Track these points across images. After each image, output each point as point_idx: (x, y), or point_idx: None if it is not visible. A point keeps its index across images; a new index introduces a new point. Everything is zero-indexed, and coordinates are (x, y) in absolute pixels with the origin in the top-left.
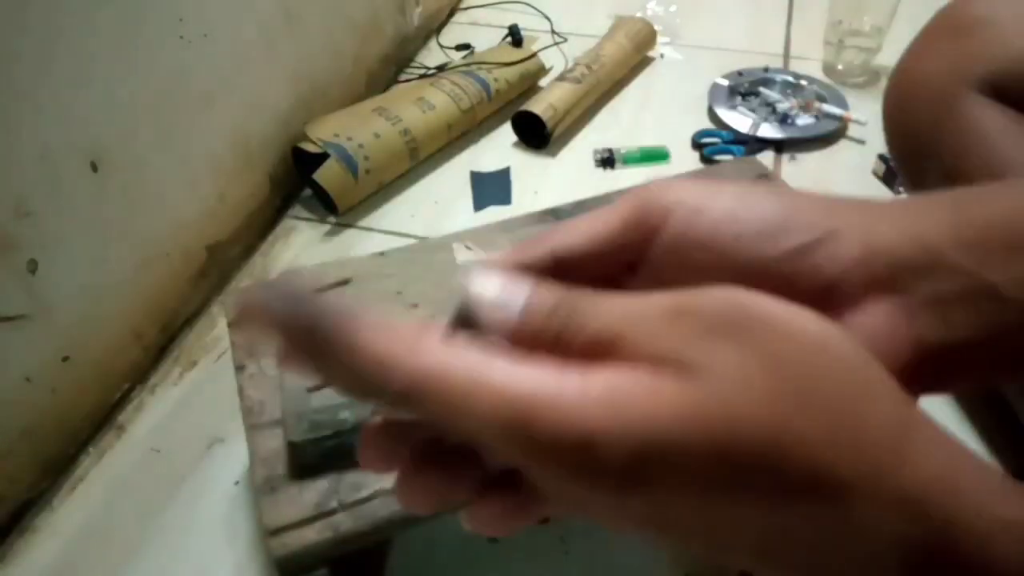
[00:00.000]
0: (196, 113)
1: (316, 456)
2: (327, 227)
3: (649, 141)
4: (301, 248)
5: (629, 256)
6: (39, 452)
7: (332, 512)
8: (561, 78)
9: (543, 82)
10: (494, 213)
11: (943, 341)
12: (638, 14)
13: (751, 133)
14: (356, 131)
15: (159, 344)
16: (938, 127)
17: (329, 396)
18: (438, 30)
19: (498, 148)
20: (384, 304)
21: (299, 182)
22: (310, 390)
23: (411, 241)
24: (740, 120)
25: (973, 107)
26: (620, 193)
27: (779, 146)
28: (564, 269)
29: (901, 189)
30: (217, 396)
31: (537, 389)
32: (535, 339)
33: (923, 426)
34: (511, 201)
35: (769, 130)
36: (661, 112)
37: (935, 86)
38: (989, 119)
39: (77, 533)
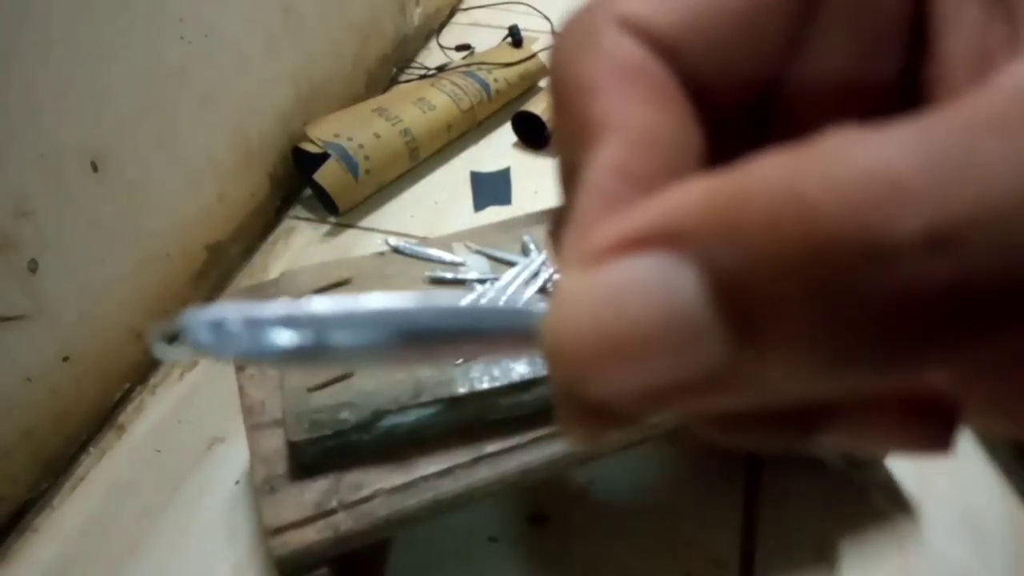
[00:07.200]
0: (196, 113)
1: (316, 456)
2: (327, 227)
3: None
4: (301, 248)
5: None
6: (39, 452)
7: (332, 512)
8: None
9: (543, 82)
10: (494, 213)
11: None
12: None
13: None
14: (356, 131)
15: None
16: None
17: (329, 396)
18: (438, 30)
19: (498, 148)
20: None
21: (299, 182)
22: (310, 390)
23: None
24: None
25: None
26: None
27: None
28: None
29: None
30: (217, 396)
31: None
32: None
33: None
34: (511, 201)
35: None
36: None
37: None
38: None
39: (77, 533)
